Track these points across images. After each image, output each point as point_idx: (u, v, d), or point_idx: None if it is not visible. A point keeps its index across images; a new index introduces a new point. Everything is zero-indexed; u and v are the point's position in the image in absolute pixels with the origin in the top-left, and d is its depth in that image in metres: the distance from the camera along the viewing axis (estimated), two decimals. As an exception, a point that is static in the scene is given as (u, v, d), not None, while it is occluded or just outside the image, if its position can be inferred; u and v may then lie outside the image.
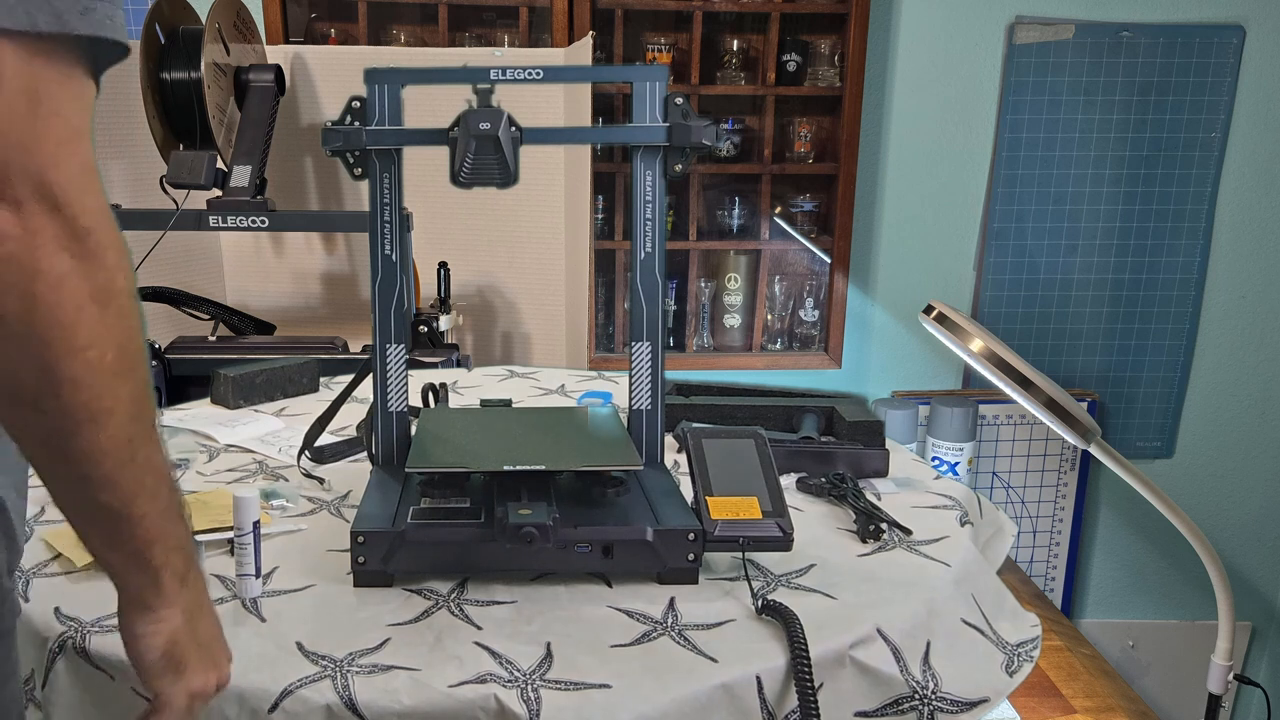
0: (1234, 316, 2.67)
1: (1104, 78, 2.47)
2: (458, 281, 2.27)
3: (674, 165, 1.09)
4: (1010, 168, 2.52)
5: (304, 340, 2.11)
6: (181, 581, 0.68)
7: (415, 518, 0.96)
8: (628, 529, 0.95)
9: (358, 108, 1.07)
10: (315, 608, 0.91)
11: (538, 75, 1.06)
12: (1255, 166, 2.56)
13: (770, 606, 0.89)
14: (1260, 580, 2.86)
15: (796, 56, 2.45)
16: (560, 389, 1.69)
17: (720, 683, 0.81)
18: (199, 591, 0.71)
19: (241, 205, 2.02)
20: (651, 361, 1.12)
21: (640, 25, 2.47)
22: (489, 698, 0.78)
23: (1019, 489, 2.70)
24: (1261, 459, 2.77)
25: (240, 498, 0.91)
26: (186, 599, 0.69)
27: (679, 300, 2.59)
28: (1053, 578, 2.78)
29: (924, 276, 2.60)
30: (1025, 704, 1.72)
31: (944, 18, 2.44)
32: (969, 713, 0.90)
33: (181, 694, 0.70)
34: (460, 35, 2.43)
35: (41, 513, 1.13)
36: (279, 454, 1.35)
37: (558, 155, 2.30)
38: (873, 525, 1.09)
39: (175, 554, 0.67)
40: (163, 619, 0.68)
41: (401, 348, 1.12)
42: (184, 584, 0.68)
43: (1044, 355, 2.66)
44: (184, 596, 0.69)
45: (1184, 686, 2.84)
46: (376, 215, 1.10)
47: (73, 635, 0.86)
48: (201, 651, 0.71)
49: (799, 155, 2.54)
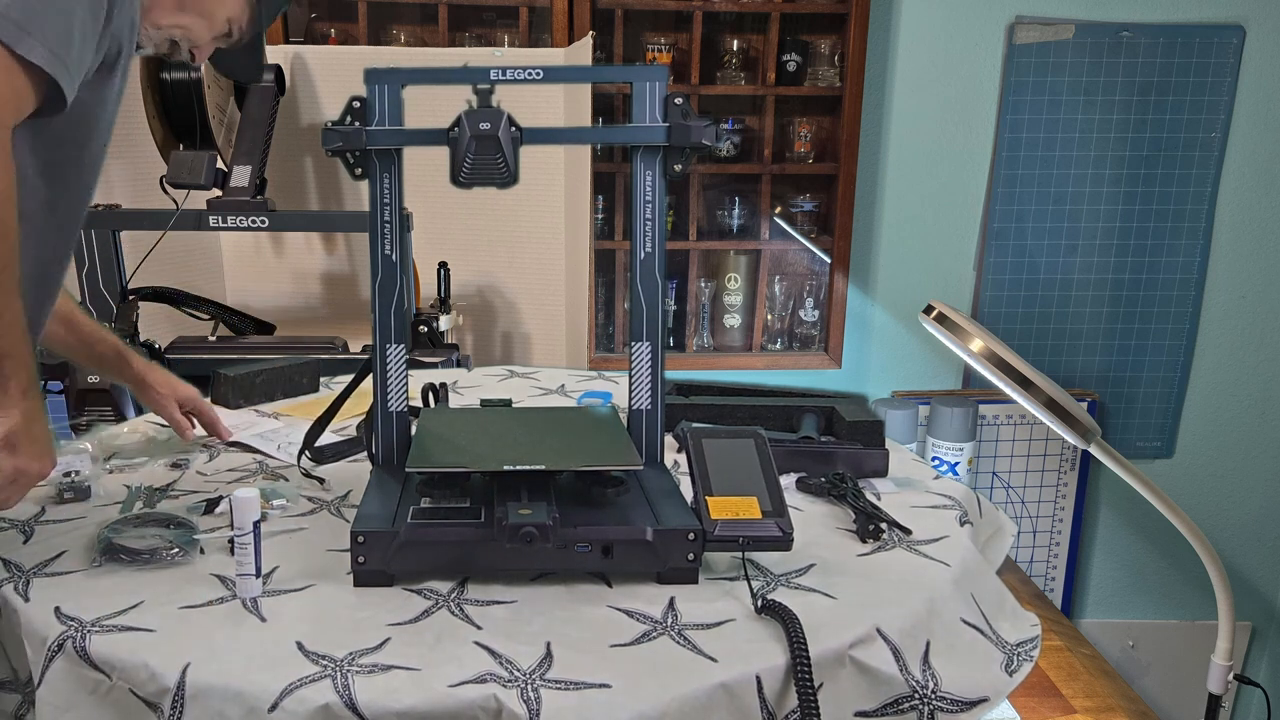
0: (1234, 316, 2.67)
1: (1104, 78, 2.47)
2: (458, 281, 2.28)
3: (674, 165, 1.09)
4: (1010, 168, 2.52)
5: (304, 340, 2.11)
6: (23, 394, 0.95)
7: (415, 518, 0.96)
8: (628, 529, 0.95)
9: (358, 108, 1.07)
10: (315, 608, 0.91)
11: (538, 75, 1.06)
12: (1255, 166, 2.56)
13: (770, 606, 0.89)
14: (1260, 580, 2.86)
15: (796, 56, 2.45)
16: (560, 389, 1.69)
17: (720, 682, 0.81)
18: (37, 402, 0.97)
19: (241, 205, 2.02)
20: (651, 361, 1.12)
21: (640, 25, 2.47)
22: (489, 697, 0.78)
23: (1019, 489, 2.70)
24: (1261, 459, 2.77)
25: (240, 498, 0.91)
26: (26, 406, 0.95)
27: (679, 300, 2.59)
28: (1053, 578, 2.78)
29: (924, 276, 2.60)
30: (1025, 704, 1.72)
31: (944, 18, 2.44)
32: (969, 712, 0.90)
33: (9, 465, 0.95)
34: (460, 35, 2.43)
35: (41, 513, 1.13)
36: (279, 453, 1.35)
37: (558, 155, 2.30)
38: (872, 525, 1.09)
39: (22, 371, 0.94)
40: (8, 416, 0.94)
41: (401, 348, 1.12)
42: (25, 395, 0.95)
43: (1044, 355, 2.66)
44: (24, 404, 0.95)
45: (1184, 686, 2.84)
46: (376, 215, 1.10)
47: (72, 635, 0.86)
48: (34, 445, 0.96)
49: (799, 155, 2.54)
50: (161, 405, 1.38)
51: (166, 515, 1.08)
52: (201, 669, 0.81)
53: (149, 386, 1.37)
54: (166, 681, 0.80)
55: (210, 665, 0.81)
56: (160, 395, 1.37)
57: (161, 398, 1.37)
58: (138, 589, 0.94)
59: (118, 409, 1.89)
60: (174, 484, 1.23)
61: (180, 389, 1.38)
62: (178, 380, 1.39)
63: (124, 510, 1.13)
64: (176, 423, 1.38)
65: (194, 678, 0.80)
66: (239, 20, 1.25)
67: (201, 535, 1.03)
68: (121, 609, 0.90)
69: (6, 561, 1.00)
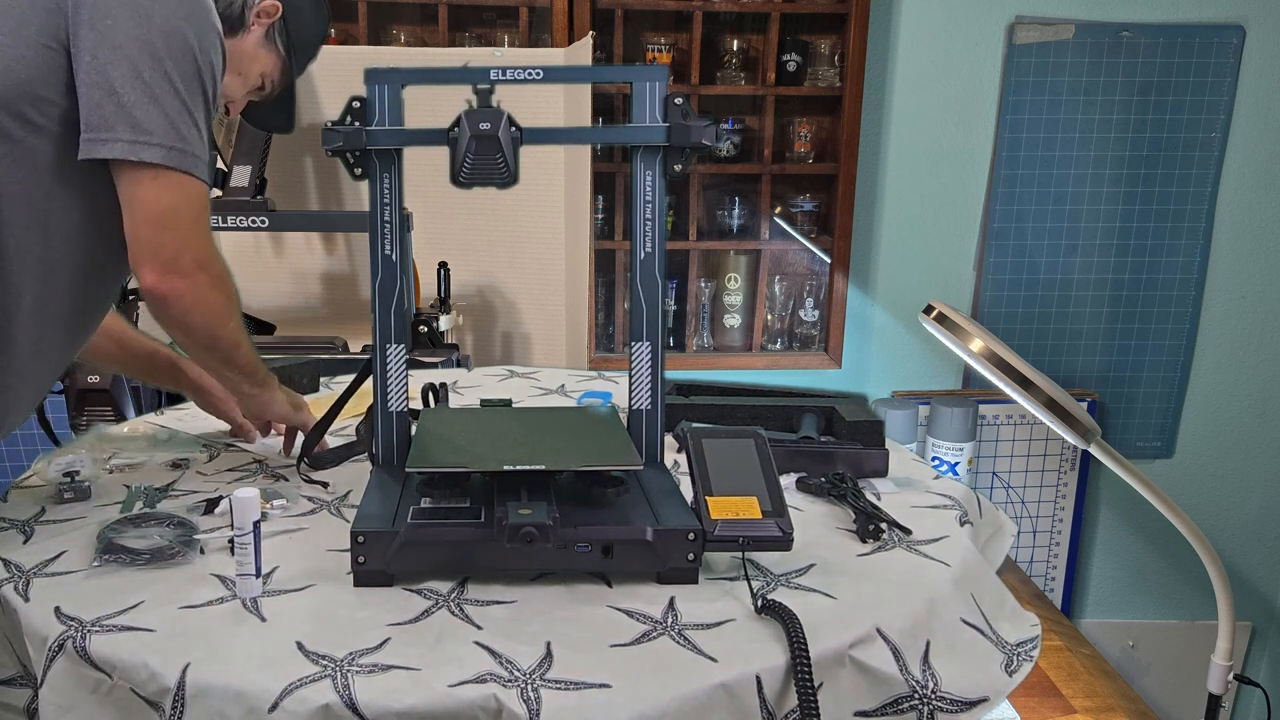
0: (1234, 316, 2.67)
1: (1104, 78, 2.47)
2: (458, 281, 2.28)
3: (674, 165, 1.09)
4: (1010, 168, 2.52)
5: (304, 340, 2.11)
6: (263, 385, 1.27)
7: (415, 518, 0.96)
8: (627, 529, 0.95)
9: (358, 108, 1.07)
10: (315, 607, 0.91)
11: (538, 75, 1.06)
12: (1255, 166, 2.56)
13: (770, 606, 0.89)
14: (1260, 580, 2.86)
15: (796, 56, 2.45)
16: (560, 389, 1.69)
17: (720, 682, 0.81)
18: (275, 388, 1.29)
19: (241, 205, 2.02)
20: (651, 361, 1.12)
21: (640, 25, 2.47)
22: (489, 697, 0.78)
23: (1019, 489, 2.70)
24: (1261, 459, 2.77)
25: (240, 498, 0.91)
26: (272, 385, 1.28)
27: (679, 300, 2.59)
28: (1053, 578, 2.78)
29: (924, 276, 2.60)
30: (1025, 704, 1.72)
31: (944, 18, 2.44)
32: (968, 712, 0.90)
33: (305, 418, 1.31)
34: (460, 35, 2.43)
35: (41, 513, 1.13)
36: (279, 453, 1.35)
37: (558, 155, 2.30)
38: (872, 525, 1.09)
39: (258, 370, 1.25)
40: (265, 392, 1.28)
41: (401, 348, 1.12)
42: (264, 385, 1.27)
43: (1044, 355, 2.66)
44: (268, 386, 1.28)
45: (1184, 686, 2.84)
46: (376, 215, 1.10)
47: (73, 635, 0.86)
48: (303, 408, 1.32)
49: (799, 155, 2.54)
50: (222, 409, 1.40)
51: (166, 515, 1.08)
52: (202, 669, 0.81)
53: (206, 391, 1.39)
54: (167, 681, 0.80)
55: (210, 665, 0.81)
56: (219, 399, 1.39)
57: (221, 401, 1.39)
58: (138, 589, 0.94)
59: (118, 409, 1.89)
60: (174, 484, 1.23)
61: None
62: None
63: (124, 510, 1.13)
64: (239, 424, 1.39)
65: (194, 678, 0.80)
66: (271, 75, 1.33)
67: (201, 535, 1.03)
68: (121, 609, 0.90)
69: (6, 561, 1.00)
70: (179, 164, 1.06)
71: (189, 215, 1.08)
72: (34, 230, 1.06)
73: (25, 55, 1.03)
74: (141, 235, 1.07)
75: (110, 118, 1.03)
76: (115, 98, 1.03)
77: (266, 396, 1.28)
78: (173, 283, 1.08)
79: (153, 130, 1.04)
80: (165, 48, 1.04)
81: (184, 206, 1.07)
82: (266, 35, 1.29)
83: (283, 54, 1.32)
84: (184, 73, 1.06)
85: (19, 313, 1.08)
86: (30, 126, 1.04)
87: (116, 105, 1.03)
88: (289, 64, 1.34)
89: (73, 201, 1.08)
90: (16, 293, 1.07)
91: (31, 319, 1.09)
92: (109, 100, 1.03)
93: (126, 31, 1.03)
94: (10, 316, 1.07)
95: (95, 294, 1.18)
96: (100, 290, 1.19)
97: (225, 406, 1.39)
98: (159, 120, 1.04)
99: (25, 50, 1.03)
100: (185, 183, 1.07)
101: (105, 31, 1.03)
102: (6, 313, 1.07)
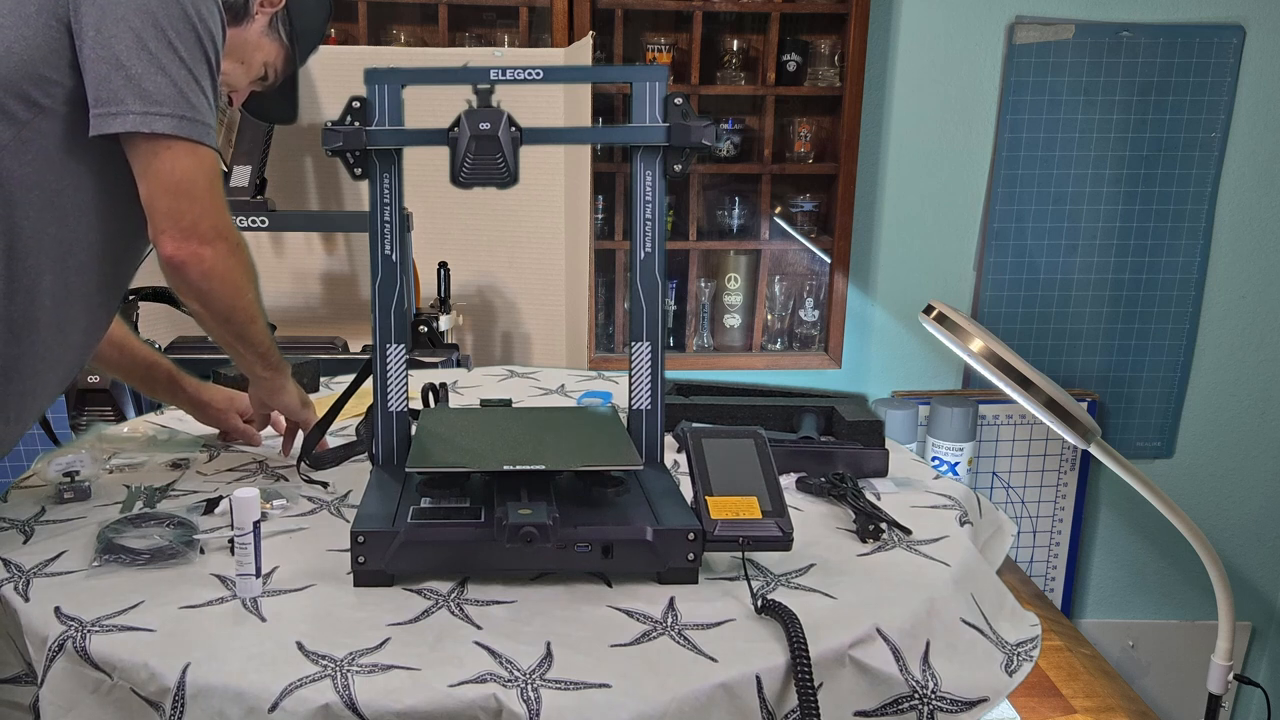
0: (1234, 316, 2.67)
1: (1104, 78, 2.47)
2: (458, 281, 2.28)
3: (674, 165, 1.09)
4: (1010, 168, 2.52)
5: (304, 340, 2.11)
6: (276, 369, 1.26)
7: (415, 518, 0.96)
8: (627, 529, 0.95)
9: (358, 108, 1.07)
10: (315, 607, 0.91)
11: (538, 75, 1.06)
12: (1255, 166, 2.56)
13: (770, 606, 0.89)
14: (1260, 580, 2.86)
15: (796, 56, 2.45)
16: (560, 389, 1.69)
17: (720, 682, 0.81)
18: (289, 376, 1.29)
19: (241, 205, 2.02)
20: (651, 361, 1.12)
21: (640, 25, 2.47)
22: (489, 697, 0.78)
23: (1019, 489, 2.70)
24: (1261, 459, 2.77)
25: (240, 498, 0.91)
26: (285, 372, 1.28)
27: (679, 300, 2.59)
28: (1053, 578, 2.78)
29: (924, 276, 2.60)
30: (1025, 704, 1.72)
31: (944, 18, 2.44)
32: (968, 712, 0.91)
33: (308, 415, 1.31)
34: (460, 35, 2.43)
35: (41, 513, 1.13)
36: (279, 453, 1.35)
37: (558, 155, 2.30)
38: (872, 525, 1.09)
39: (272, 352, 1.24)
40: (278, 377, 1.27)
41: (401, 348, 1.12)
42: (278, 370, 1.27)
43: (1044, 355, 2.66)
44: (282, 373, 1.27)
45: (1184, 686, 2.84)
46: (376, 215, 1.10)
47: (73, 635, 0.86)
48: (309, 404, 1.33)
49: (799, 155, 2.54)
50: (223, 421, 1.39)
51: (166, 515, 1.08)
52: (202, 669, 0.81)
53: (206, 405, 1.39)
54: (167, 681, 0.80)
55: (210, 665, 0.81)
56: (219, 412, 1.38)
57: (221, 414, 1.38)
58: (138, 589, 0.94)
59: (118, 409, 1.89)
60: (174, 484, 1.23)
61: (237, 400, 1.39)
62: (231, 392, 1.40)
63: (124, 510, 1.13)
64: (243, 433, 1.39)
65: (194, 677, 0.80)
66: (274, 64, 1.33)
67: (201, 535, 1.03)
68: (121, 609, 0.90)
69: (6, 561, 1.00)
70: (191, 133, 1.05)
71: (204, 183, 1.07)
72: (48, 211, 1.06)
73: (26, 35, 1.02)
74: (159, 205, 1.06)
75: (119, 91, 1.02)
76: (123, 70, 1.02)
77: (279, 382, 1.28)
78: (192, 248, 1.07)
79: (163, 101, 1.03)
80: (166, 17, 1.04)
81: (199, 174, 1.07)
82: (270, 24, 1.29)
83: (286, 43, 1.31)
84: (186, 41, 1.05)
85: (40, 294, 1.07)
86: (36, 108, 1.03)
87: (125, 78, 1.02)
88: (292, 53, 1.33)
89: (85, 179, 1.07)
90: (36, 274, 1.06)
91: (53, 300, 1.09)
92: (116, 73, 1.02)
93: (127, 4, 1.02)
94: (32, 298, 1.07)
95: (114, 272, 1.17)
96: (119, 268, 1.18)
97: (227, 419, 1.38)
98: (168, 90, 1.03)
99: (26, 30, 1.02)
100: (198, 151, 1.06)
101: (106, 5, 1.02)
102: (28, 294, 1.06)
